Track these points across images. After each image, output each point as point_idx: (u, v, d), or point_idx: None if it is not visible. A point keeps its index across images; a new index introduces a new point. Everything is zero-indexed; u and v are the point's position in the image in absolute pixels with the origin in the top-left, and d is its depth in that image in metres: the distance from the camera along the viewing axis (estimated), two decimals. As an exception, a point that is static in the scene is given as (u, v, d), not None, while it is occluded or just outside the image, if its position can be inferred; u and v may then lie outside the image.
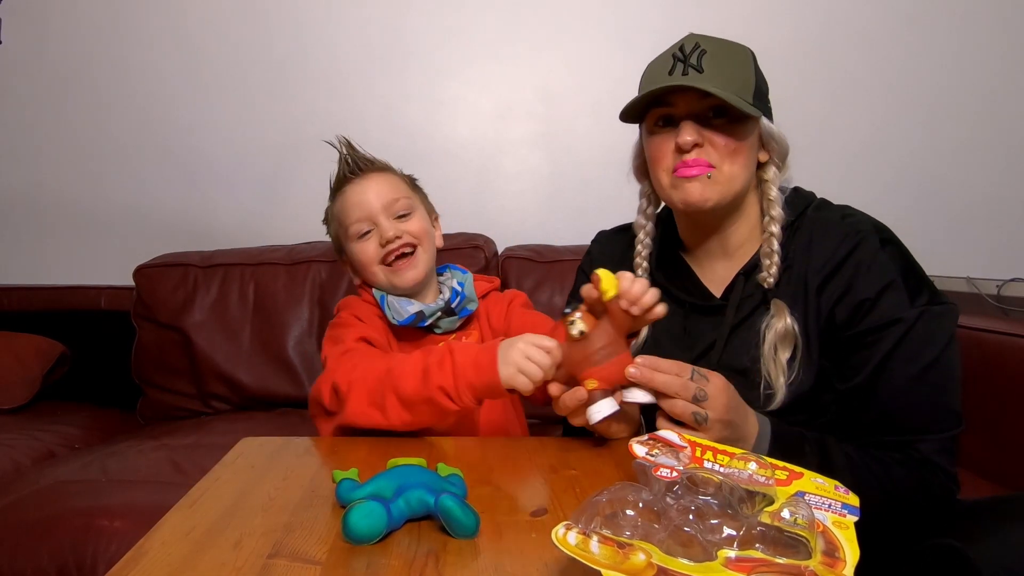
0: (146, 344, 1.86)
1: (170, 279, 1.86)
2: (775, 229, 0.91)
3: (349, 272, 1.16)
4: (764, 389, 0.88)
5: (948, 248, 1.96)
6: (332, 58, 2.05)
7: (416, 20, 2.04)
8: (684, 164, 0.88)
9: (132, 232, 2.10)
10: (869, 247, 0.87)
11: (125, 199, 2.10)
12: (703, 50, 0.87)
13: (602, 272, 0.81)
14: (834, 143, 2.00)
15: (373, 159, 1.13)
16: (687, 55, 0.87)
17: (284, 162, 2.08)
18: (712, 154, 0.88)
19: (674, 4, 1.99)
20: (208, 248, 1.96)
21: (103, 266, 2.06)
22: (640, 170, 1.01)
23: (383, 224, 1.06)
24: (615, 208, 1.24)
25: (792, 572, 0.47)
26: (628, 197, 1.07)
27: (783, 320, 0.88)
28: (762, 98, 0.91)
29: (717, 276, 0.98)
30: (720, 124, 0.88)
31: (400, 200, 1.08)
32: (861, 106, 2.01)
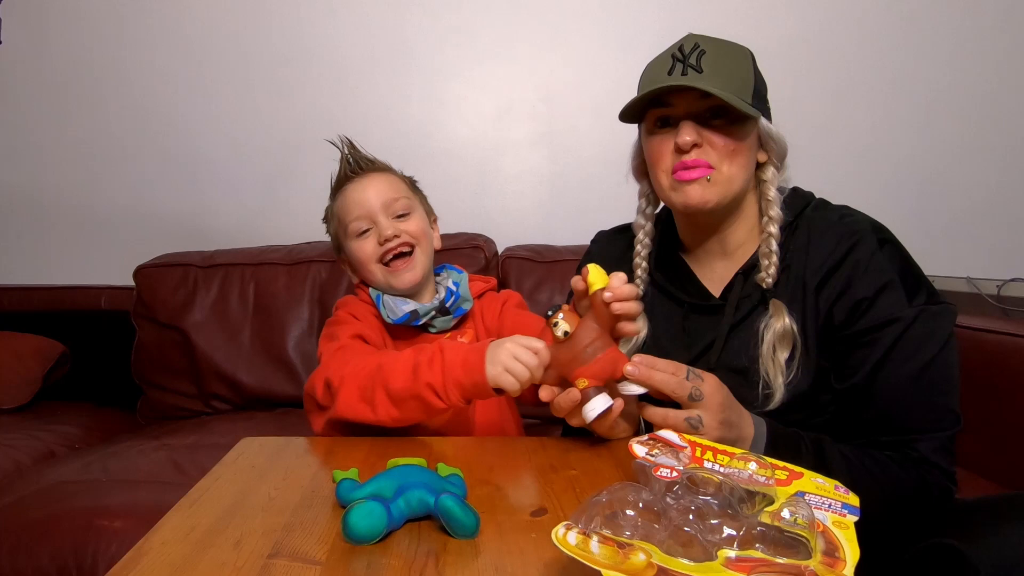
0: (146, 344, 1.86)
1: (170, 279, 1.86)
2: (773, 229, 0.91)
3: (348, 271, 1.17)
4: (762, 389, 0.88)
5: (948, 248, 1.96)
6: (333, 58, 2.05)
7: (417, 20, 2.04)
8: (683, 165, 0.88)
9: (132, 232, 2.10)
10: (867, 247, 0.87)
11: (125, 199, 2.10)
12: (702, 50, 0.87)
13: (593, 266, 0.81)
14: (834, 143, 2.00)
15: (374, 159, 1.15)
16: (686, 55, 0.87)
17: (284, 162, 2.08)
18: (711, 154, 0.88)
19: (674, 4, 1.99)
20: (208, 248, 1.96)
21: (103, 266, 2.06)
22: (639, 170, 1.01)
23: (382, 223, 1.07)
24: (615, 208, 1.24)
25: (792, 572, 0.47)
26: (628, 197, 1.07)
27: (781, 320, 0.88)
28: (761, 98, 0.91)
29: (716, 276, 0.98)
30: (719, 125, 0.88)
31: (400, 200, 1.09)
32: (861, 106, 2.01)
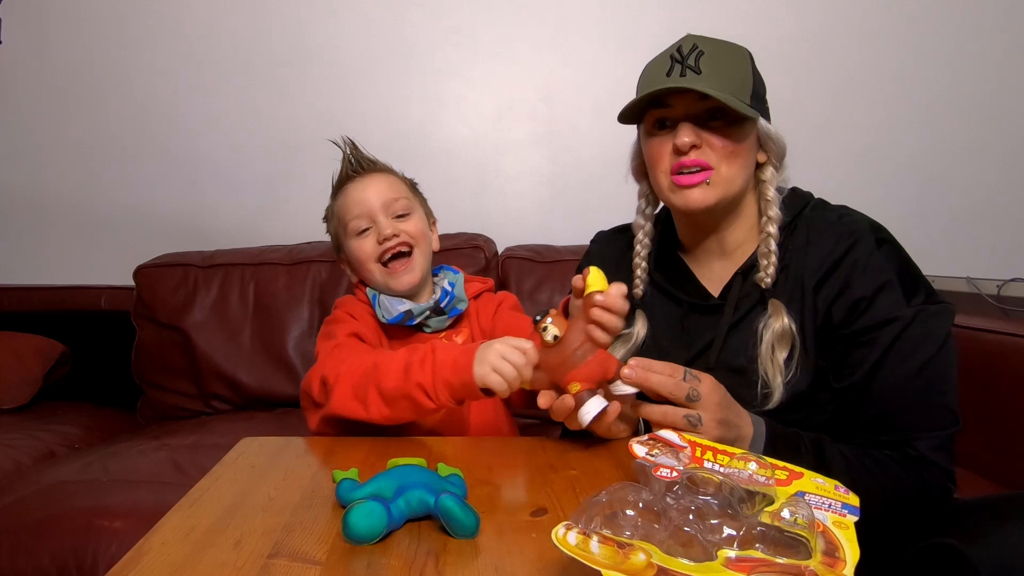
0: (146, 344, 1.86)
1: (170, 279, 1.86)
2: (772, 229, 0.91)
3: (347, 271, 1.18)
4: (761, 388, 0.88)
5: (948, 248, 1.96)
6: (333, 58, 2.05)
7: (417, 20, 2.04)
8: (681, 165, 0.88)
9: (132, 232, 2.10)
10: (865, 246, 0.87)
11: (125, 199, 2.10)
12: (700, 51, 0.87)
13: (595, 269, 0.82)
14: (834, 143, 2.00)
15: (375, 160, 1.17)
16: (685, 56, 0.87)
17: (285, 162, 2.08)
18: (710, 155, 0.88)
19: (674, 4, 1.99)
20: (208, 248, 1.96)
21: (103, 266, 2.06)
22: (639, 171, 1.01)
23: (381, 222, 1.08)
24: (615, 208, 1.24)
25: (792, 572, 0.47)
26: (628, 197, 1.07)
27: (780, 320, 0.88)
28: (759, 99, 0.91)
29: (715, 276, 0.98)
30: (718, 126, 0.88)
31: (399, 200, 1.11)
32: (861, 106, 2.01)
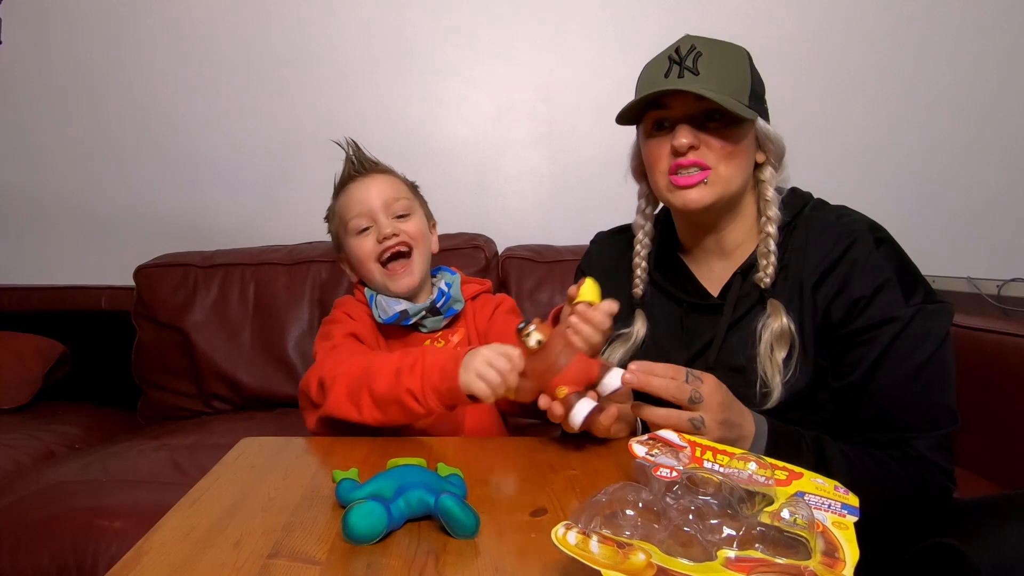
0: (146, 344, 1.86)
1: (170, 279, 1.86)
2: (771, 229, 0.91)
3: (347, 270, 1.19)
4: (760, 387, 0.88)
5: (948, 248, 1.96)
6: (333, 58, 2.05)
7: (417, 20, 2.04)
8: (679, 165, 0.89)
9: (132, 232, 2.10)
10: (864, 246, 0.87)
11: (125, 199, 2.10)
12: (698, 52, 0.87)
13: (591, 280, 0.84)
14: (834, 143, 2.00)
15: (377, 161, 1.19)
16: (683, 57, 0.87)
17: (285, 162, 2.08)
18: (708, 155, 0.88)
19: (674, 4, 1.99)
20: (208, 248, 1.96)
21: (103, 266, 2.06)
22: (638, 171, 1.01)
23: (381, 221, 1.09)
24: (615, 208, 1.24)
25: (792, 572, 0.47)
26: (628, 197, 1.07)
27: (779, 320, 0.88)
28: (758, 99, 0.91)
29: (714, 275, 0.98)
30: (716, 127, 0.88)
31: (400, 200, 1.12)
32: (861, 106, 2.01)
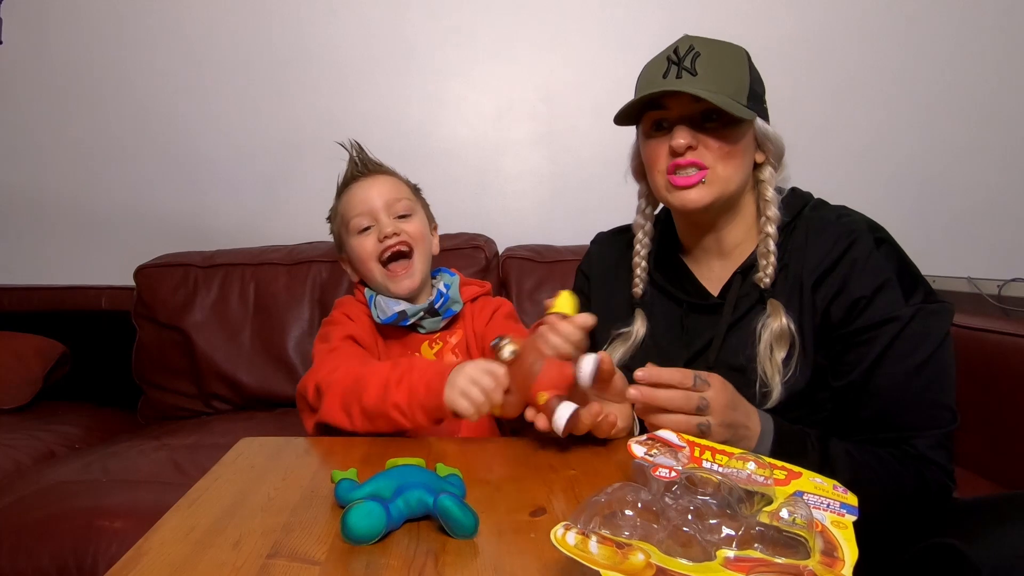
0: (147, 344, 1.86)
1: (171, 279, 1.86)
2: (771, 229, 0.91)
3: (348, 270, 1.19)
4: (760, 387, 0.88)
5: (949, 248, 1.96)
6: (333, 58, 2.05)
7: (417, 20, 2.04)
8: (677, 165, 0.89)
9: (132, 232, 2.10)
10: (864, 246, 0.88)
11: (125, 199, 2.10)
12: (697, 52, 0.87)
13: (568, 292, 0.86)
14: (834, 143, 2.00)
15: (380, 163, 1.20)
16: (681, 58, 0.87)
17: (285, 162, 2.08)
18: (706, 155, 0.88)
19: (674, 4, 1.99)
20: (209, 248, 1.96)
21: (103, 266, 2.06)
22: (638, 171, 1.01)
23: (382, 220, 1.10)
24: (615, 208, 1.24)
25: (791, 572, 0.47)
26: (628, 197, 1.07)
27: (779, 320, 0.88)
28: (757, 99, 0.91)
29: (714, 275, 0.98)
30: (713, 127, 0.88)
31: (402, 201, 1.13)
32: (861, 106, 2.01)
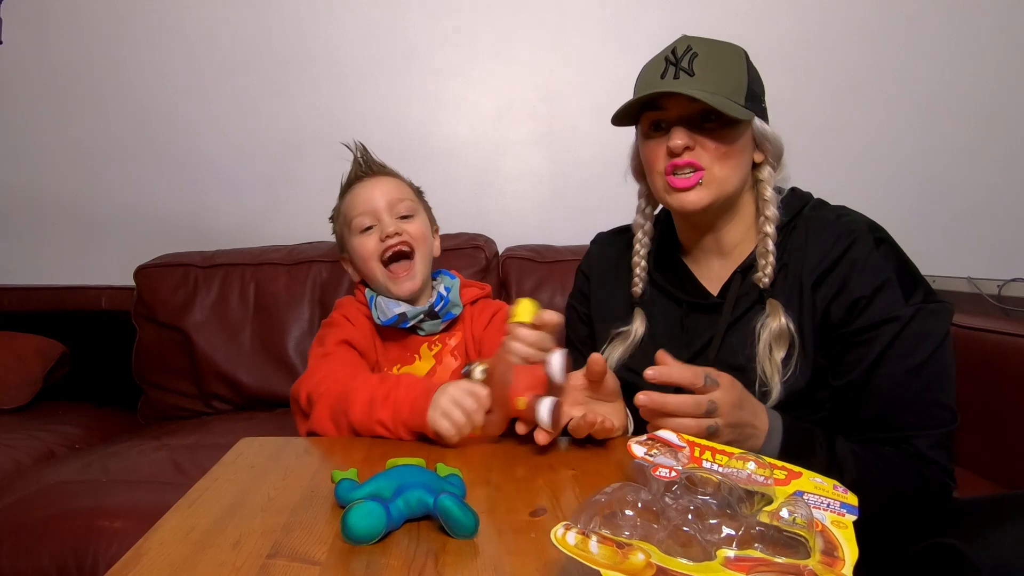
0: (147, 344, 1.86)
1: (171, 279, 1.85)
2: (770, 229, 0.91)
3: (349, 270, 1.20)
4: (759, 387, 0.88)
5: (949, 248, 1.96)
6: (333, 58, 2.05)
7: (417, 20, 2.04)
8: (674, 166, 0.89)
9: (132, 232, 2.10)
10: (863, 246, 0.88)
11: (125, 199, 2.10)
12: (694, 53, 0.87)
13: (525, 300, 0.87)
14: (834, 144, 2.00)
15: (384, 164, 1.21)
16: (679, 58, 0.87)
17: (285, 162, 2.08)
18: (703, 156, 0.89)
19: (674, 4, 1.99)
20: (209, 248, 1.96)
21: (103, 266, 2.06)
22: (637, 171, 1.02)
23: (385, 220, 1.11)
24: (615, 208, 1.24)
25: (791, 571, 0.47)
26: (628, 197, 1.07)
27: (778, 320, 0.88)
28: (755, 99, 0.91)
29: (714, 275, 0.98)
30: (711, 127, 0.88)
31: (404, 201, 1.14)
32: (861, 106, 2.01)
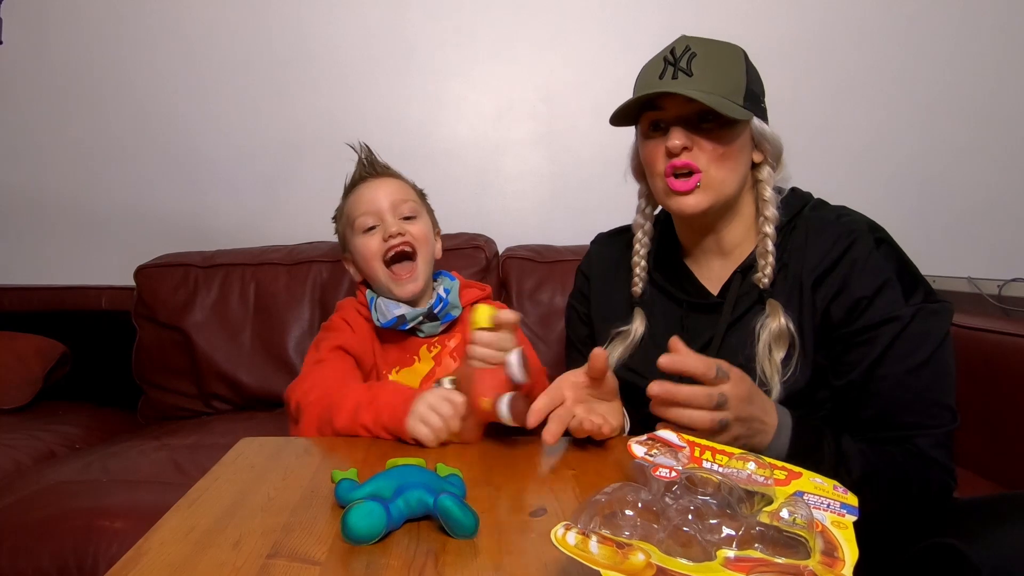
0: (147, 344, 1.86)
1: (171, 279, 1.85)
2: (769, 229, 0.91)
3: (351, 270, 1.20)
4: (759, 386, 0.88)
5: (949, 248, 1.96)
6: (333, 58, 2.05)
7: (417, 20, 2.04)
8: (673, 167, 0.89)
9: (132, 232, 2.09)
10: (864, 246, 0.88)
11: (125, 199, 2.10)
12: (693, 53, 0.87)
13: (482, 306, 0.88)
14: (835, 144, 2.00)
15: (388, 165, 1.21)
16: (677, 58, 0.87)
17: (285, 162, 2.08)
18: (700, 157, 0.89)
19: (674, 4, 1.99)
20: (209, 248, 1.96)
21: (103, 266, 2.06)
22: (637, 171, 1.02)
23: (387, 220, 1.12)
24: (615, 208, 1.24)
25: (791, 572, 0.47)
26: (628, 197, 1.07)
27: (777, 320, 0.89)
28: (754, 99, 0.91)
29: (714, 275, 0.98)
30: (710, 127, 0.88)
31: (407, 202, 1.14)
32: (861, 106, 2.01)
